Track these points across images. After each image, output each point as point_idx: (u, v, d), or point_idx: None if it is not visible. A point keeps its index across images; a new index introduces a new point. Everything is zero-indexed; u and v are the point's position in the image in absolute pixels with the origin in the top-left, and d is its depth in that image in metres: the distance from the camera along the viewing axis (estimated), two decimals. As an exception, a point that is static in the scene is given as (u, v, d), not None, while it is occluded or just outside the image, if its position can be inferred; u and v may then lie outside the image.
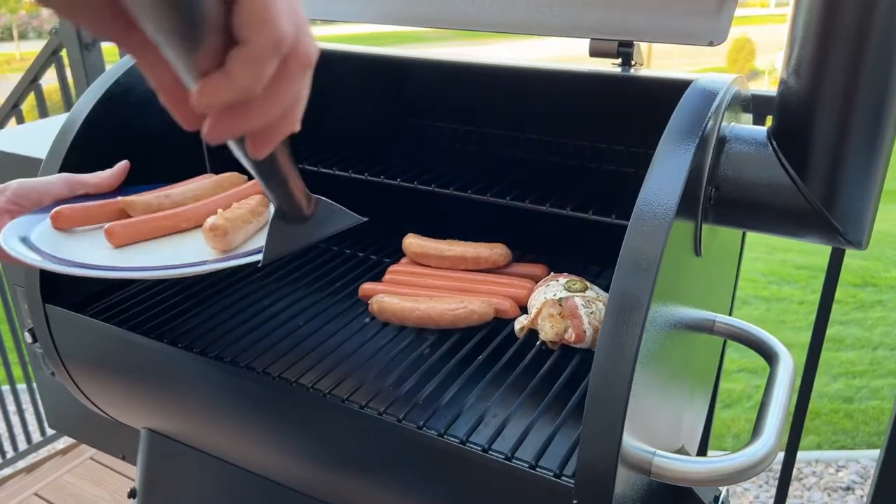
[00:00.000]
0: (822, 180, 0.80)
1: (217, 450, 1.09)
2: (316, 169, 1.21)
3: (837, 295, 1.52)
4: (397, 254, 1.23)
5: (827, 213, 0.81)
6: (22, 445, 3.43)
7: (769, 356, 1.09)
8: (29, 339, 1.37)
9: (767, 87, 19.71)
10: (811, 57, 0.78)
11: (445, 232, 1.21)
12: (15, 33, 26.82)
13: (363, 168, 1.19)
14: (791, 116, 0.82)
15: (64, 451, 2.97)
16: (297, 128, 0.47)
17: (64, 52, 2.19)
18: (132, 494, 1.26)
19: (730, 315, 1.29)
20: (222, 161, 1.33)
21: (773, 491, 4.14)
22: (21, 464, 3.37)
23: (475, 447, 0.80)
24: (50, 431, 3.36)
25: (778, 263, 8.10)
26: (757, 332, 1.12)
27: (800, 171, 0.81)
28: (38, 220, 0.97)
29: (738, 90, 0.89)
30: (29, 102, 2.42)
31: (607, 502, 0.71)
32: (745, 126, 0.88)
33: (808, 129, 0.80)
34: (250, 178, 1.14)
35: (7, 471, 3.39)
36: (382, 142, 1.25)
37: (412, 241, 1.18)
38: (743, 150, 0.85)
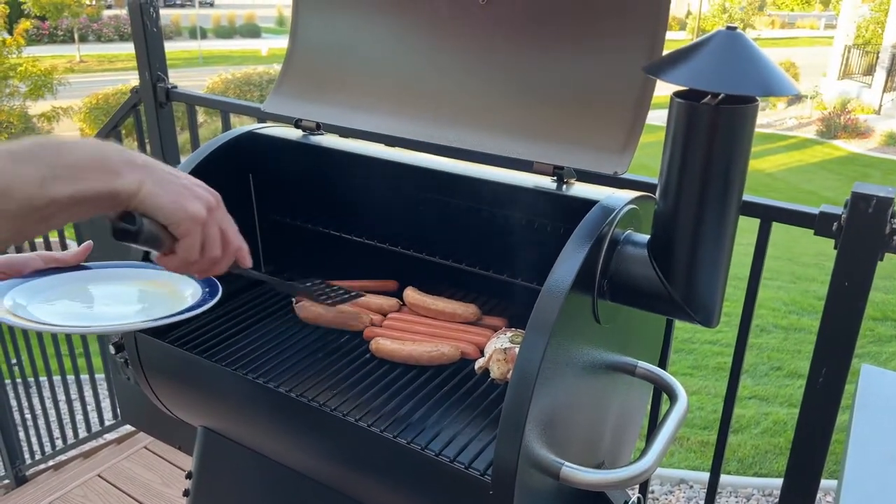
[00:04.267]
0: (681, 283, 1.15)
1: (256, 445, 1.48)
2: (361, 240, 1.65)
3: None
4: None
5: (685, 306, 1.16)
6: (82, 433, 3.88)
7: (672, 396, 1.43)
8: (113, 350, 1.78)
9: (811, 111, 19.57)
10: (673, 186, 1.12)
11: (441, 284, 1.59)
12: (76, 36, 28.05)
13: (378, 236, 1.59)
14: (660, 232, 1.16)
15: (119, 441, 3.40)
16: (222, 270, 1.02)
17: (142, 107, 2.62)
18: (189, 476, 1.65)
19: (657, 363, 1.63)
20: (273, 252, 1.76)
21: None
22: (73, 452, 3.82)
23: (431, 452, 1.17)
24: (108, 421, 3.81)
25: (800, 293, 8.22)
26: (666, 378, 1.46)
27: (666, 274, 1.16)
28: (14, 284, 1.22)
29: (634, 208, 1.24)
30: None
31: (510, 494, 1.07)
32: (637, 234, 1.23)
33: (671, 243, 1.14)
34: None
35: (62, 457, 3.85)
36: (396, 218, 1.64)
37: (409, 294, 1.56)
38: (630, 252, 1.20)
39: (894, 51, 17.84)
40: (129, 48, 2.57)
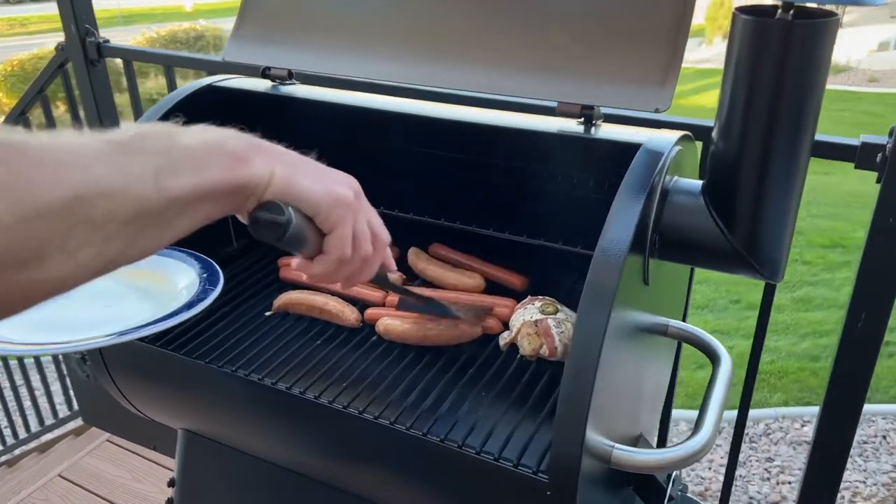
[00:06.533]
0: (744, 232, 0.99)
1: (251, 449, 1.29)
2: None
3: (808, 256, 1.62)
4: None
5: (749, 258, 1.00)
6: (34, 426, 3.61)
7: (713, 358, 1.29)
8: (68, 347, 1.55)
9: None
10: (737, 121, 0.96)
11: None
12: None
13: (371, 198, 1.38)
14: (719, 175, 1.00)
15: (77, 433, 3.14)
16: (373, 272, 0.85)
17: (70, 66, 2.31)
18: (171, 483, 1.45)
19: (684, 318, 1.49)
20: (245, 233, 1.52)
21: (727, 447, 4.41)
22: (33, 444, 3.54)
23: (470, 450, 1.00)
24: (61, 413, 3.54)
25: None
26: (703, 336, 1.31)
27: (727, 223, 1.00)
28: None
29: (680, 149, 1.07)
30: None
31: (572, 493, 0.91)
32: (685, 180, 1.07)
33: (733, 186, 0.98)
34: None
35: (17, 451, 3.57)
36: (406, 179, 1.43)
37: (412, 257, 1.39)
38: (682, 201, 1.03)
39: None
40: (41, 8, 2.26)
